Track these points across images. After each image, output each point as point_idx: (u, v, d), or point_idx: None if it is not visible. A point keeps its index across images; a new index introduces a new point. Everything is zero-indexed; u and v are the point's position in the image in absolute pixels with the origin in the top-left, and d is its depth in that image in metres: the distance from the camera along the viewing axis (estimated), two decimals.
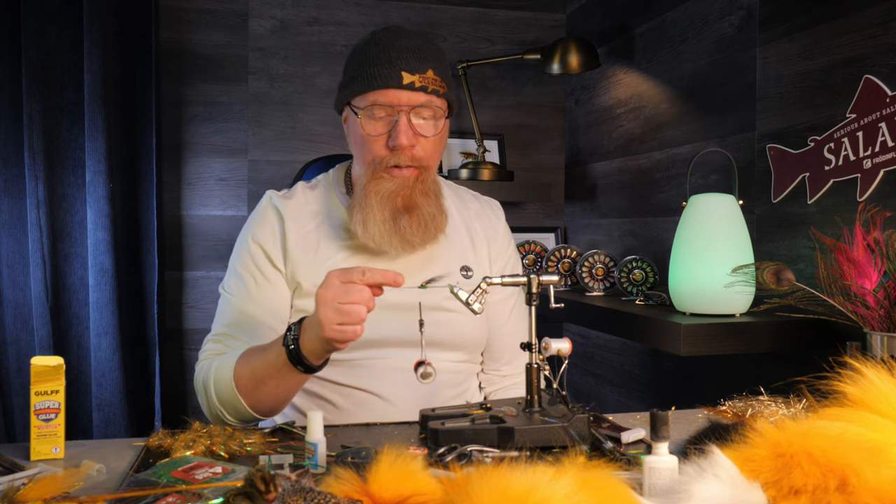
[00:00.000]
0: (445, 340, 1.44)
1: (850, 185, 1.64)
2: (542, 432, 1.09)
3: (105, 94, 2.43)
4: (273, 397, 1.31)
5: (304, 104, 2.78)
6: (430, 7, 2.89)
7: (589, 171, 2.84)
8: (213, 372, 1.34)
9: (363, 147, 1.40)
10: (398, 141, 1.36)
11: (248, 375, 1.30)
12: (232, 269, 1.48)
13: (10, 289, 2.44)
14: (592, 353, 2.78)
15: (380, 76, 1.36)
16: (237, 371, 1.31)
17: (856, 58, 1.63)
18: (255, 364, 1.30)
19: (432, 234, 1.41)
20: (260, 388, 1.29)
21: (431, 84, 1.37)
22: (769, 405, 1.25)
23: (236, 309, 1.43)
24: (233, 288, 1.45)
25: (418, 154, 1.38)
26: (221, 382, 1.32)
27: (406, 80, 1.35)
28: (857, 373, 0.95)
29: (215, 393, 1.33)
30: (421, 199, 1.39)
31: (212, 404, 1.34)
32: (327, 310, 1.16)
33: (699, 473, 0.80)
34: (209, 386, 1.34)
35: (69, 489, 0.91)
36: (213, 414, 1.36)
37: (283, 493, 0.72)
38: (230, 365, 1.32)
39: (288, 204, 1.48)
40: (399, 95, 1.36)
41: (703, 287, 1.69)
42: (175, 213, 2.69)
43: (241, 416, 1.34)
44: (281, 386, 1.29)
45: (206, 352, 1.42)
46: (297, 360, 1.23)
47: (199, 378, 1.38)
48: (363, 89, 1.38)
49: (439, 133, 1.41)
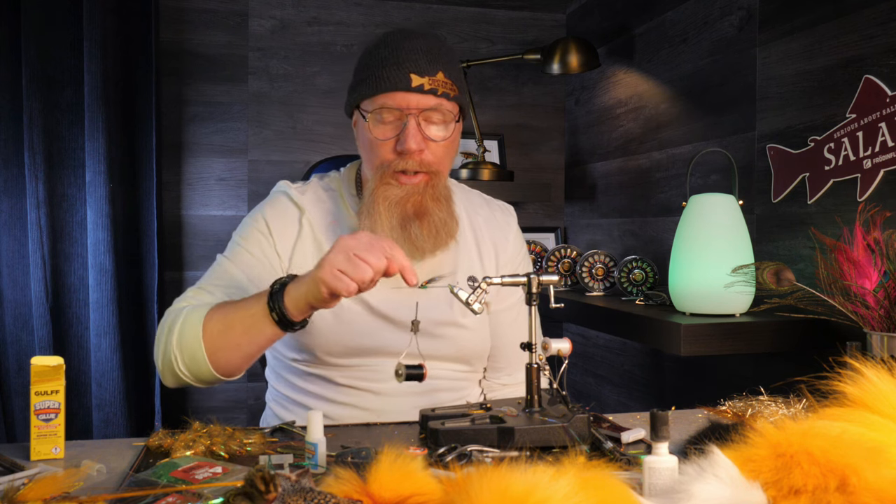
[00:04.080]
0: (449, 354, 1.43)
1: (850, 185, 1.64)
2: (542, 432, 1.09)
3: (105, 94, 2.43)
4: (236, 348, 1.25)
5: (304, 104, 2.78)
6: (430, 7, 2.89)
7: (589, 171, 2.84)
8: (184, 315, 1.28)
9: (371, 151, 1.37)
10: (406, 145, 1.32)
11: (220, 318, 1.25)
12: (234, 240, 1.45)
13: (10, 289, 2.44)
14: (592, 353, 2.77)
15: (388, 78, 1.33)
16: (209, 314, 1.26)
17: (856, 58, 1.63)
18: (231, 309, 1.25)
19: (443, 240, 1.38)
20: (226, 335, 1.24)
21: (441, 87, 1.33)
22: (769, 405, 1.25)
23: (227, 272, 1.39)
24: (230, 254, 1.42)
25: (427, 159, 1.35)
26: (188, 323, 1.26)
27: (415, 83, 1.31)
28: (857, 373, 0.95)
29: (178, 334, 1.26)
30: (432, 204, 1.36)
31: (169, 348, 1.27)
32: (339, 253, 1.13)
33: (699, 473, 0.80)
34: (174, 327, 1.27)
35: (69, 489, 0.91)
36: (166, 360, 1.28)
37: (283, 493, 0.72)
38: (203, 309, 1.27)
39: (304, 198, 1.45)
40: (408, 98, 1.32)
41: (703, 287, 1.69)
42: (175, 213, 2.69)
43: (196, 366, 1.26)
44: (248, 335, 1.23)
45: (184, 298, 1.35)
46: (275, 306, 1.19)
47: (165, 321, 1.30)
48: (372, 92, 1.35)
49: (450, 137, 1.37)
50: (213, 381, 1.30)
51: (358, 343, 1.39)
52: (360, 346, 1.39)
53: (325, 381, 1.42)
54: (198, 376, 1.28)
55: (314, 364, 1.41)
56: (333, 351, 1.39)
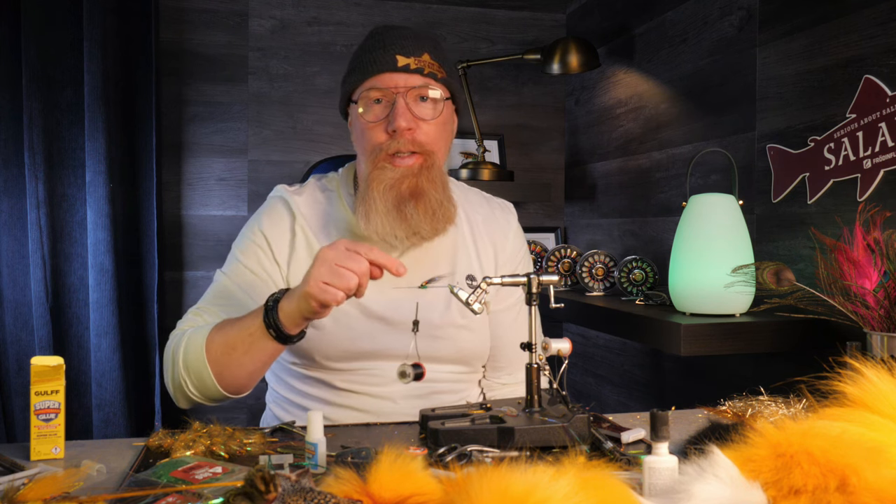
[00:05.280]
0: (449, 356, 1.43)
1: (850, 185, 1.64)
2: (542, 432, 1.09)
3: (105, 94, 2.43)
4: (240, 367, 1.27)
5: (304, 104, 2.79)
6: (430, 7, 2.89)
7: (589, 171, 2.84)
8: (187, 338, 1.30)
9: (364, 137, 1.37)
10: (396, 123, 1.32)
11: (221, 340, 1.27)
12: (233, 254, 1.45)
13: (10, 289, 2.44)
14: (592, 353, 2.77)
15: (374, 61, 1.35)
16: (210, 336, 1.28)
17: (856, 58, 1.63)
18: (229, 329, 1.27)
19: (441, 223, 1.37)
20: (229, 355, 1.26)
21: (428, 67, 1.35)
22: (769, 405, 1.25)
23: (226, 289, 1.40)
24: (229, 271, 1.43)
25: (419, 138, 1.35)
26: (192, 346, 1.28)
27: (401, 63, 1.34)
28: (857, 373, 0.95)
29: (183, 358, 1.29)
30: (428, 185, 1.35)
31: (177, 372, 1.30)
32: (321, 266, 1.15)
33: (699, 473, 0.80)
34: (178, 352, 1.30)
35: (69, 489, 0.91)
36: (176, 385, 1.31)
37: (283, 493, 0.72)
38: (205, 331, 1.29)
39: (299, 200, 1.46)
40: (395, 78, 1.34)
41: (703, 287, 1.69)
42: (175, 213, 2.69)
43: (205, 387, 1.29)
44: (250, 354, 1.25)
45: (184, 322, 1.38)
46: (271, 324, 1.21)
47: (170, 346, 1.33)
48: (360, 78, 1.37)
49: (440, 116, 1.37)
50: (223, 399, 1.34)
51: (356, 346, 1.39)
52: (359, 349, 1.39)
53: (324, 384, 1.42)
54: (209, 396, 1.32)
55: (313, 368, 1.42)
56: (332, 355, 1.39)
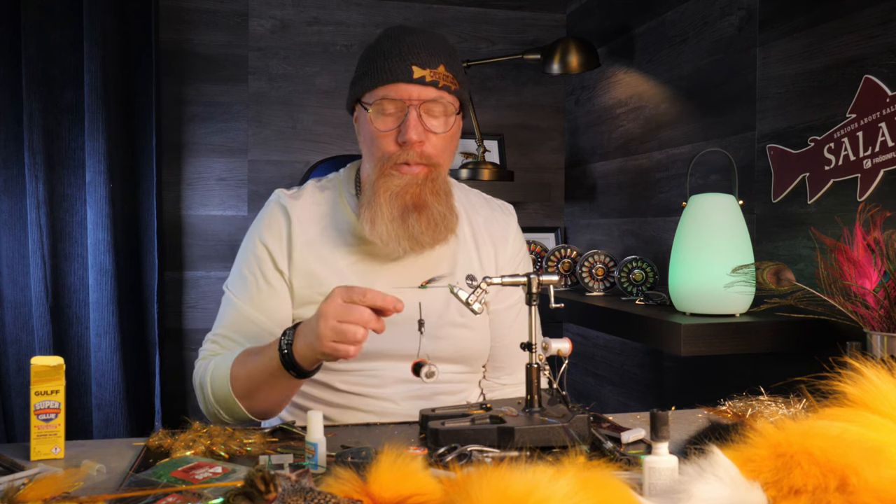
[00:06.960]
0: (449, 355, 1.43)
1: (850, 185, 1.64)
2: (542, 432, 1.09)
3: (105, 94, 2.43)
4: (268, 401, 1.32)
5: (304, 104, 2.79)
6: (430, 7, 2.89)
7: (589, 171, 2.84)
8: (211, 371, 1.35)
9: (373, 144, 1.38)
10: (408, 136, 1.33)
11: (244, 377, 1.31)
12: (237, 268, 1.46)
13: (10, 289, 2.44)
14: (592, 353, 2.78)
15: (389, 70, 1.34)
16: (233, 372, 1.31)
17: (856, 58, 1.63)
18: (251, 367, 1.30)
19: (442, 234, 1.38)
20: (256, 392, 1.30)
21: (443, 79, 1.34)
22: (769, 405, 1.25)
23: (238, 312, 1.42)
24: (236, 289, 1.44)
25: (428, 151, 1.35)
26: (218, 382, 1.33)
27: (416, 75, 1.33)
28: (857, 373, 0.95)
29: (212, 393, 1.34)
30: (431, 197, 1.36)
31: (209, 404, 1.35)
32: (326, 325, 1.16)
33: (699, 473, 0.80)
34: (206, 385, 1.35)
35: (69, 489, 0.91)
36: (211, 413, 1.36)
37: (283, 493, 0.72)
38: (227, 366, 1.32)
39: (295, 204, 1.45)
40: (409, 90, 1.33)
41: (703, 287, 1.68)
42: (175, 213, 2.69)
43: (238, 417, 1.34)
44: (275, 389, 1.30)
45: (205, 351, 1.42)
46: (290, 365, 1.23)
47: (196, 377, 1.39)
48: (373, 84, 1.36)
49: (450, 130, 1.38)
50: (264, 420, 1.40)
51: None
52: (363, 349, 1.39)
53: (324, 385, 1.42)
54: (245, 420, 1.36)
55: None
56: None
